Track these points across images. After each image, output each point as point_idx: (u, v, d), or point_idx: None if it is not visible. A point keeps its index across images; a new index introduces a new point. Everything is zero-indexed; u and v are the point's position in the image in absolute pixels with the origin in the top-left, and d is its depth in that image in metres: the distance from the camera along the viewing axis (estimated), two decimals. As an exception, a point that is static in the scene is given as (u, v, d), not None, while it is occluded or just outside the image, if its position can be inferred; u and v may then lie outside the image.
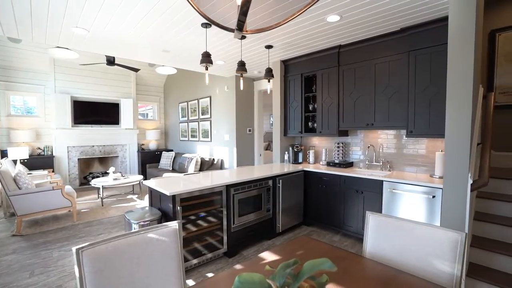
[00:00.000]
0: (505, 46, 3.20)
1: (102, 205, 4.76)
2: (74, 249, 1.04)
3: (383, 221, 1.47)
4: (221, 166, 5.70)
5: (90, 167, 6.81)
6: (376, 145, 3.48)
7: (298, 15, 0.94)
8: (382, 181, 2.86)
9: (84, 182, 6.48)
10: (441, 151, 2.87)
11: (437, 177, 2.76)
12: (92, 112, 6.43)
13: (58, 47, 3.90)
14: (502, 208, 2.50)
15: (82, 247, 1.05)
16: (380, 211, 2.87)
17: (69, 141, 6.07)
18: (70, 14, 2.49)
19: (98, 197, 5.26)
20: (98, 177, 6.24)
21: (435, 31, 2.62)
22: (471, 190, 2.04)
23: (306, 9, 0.91)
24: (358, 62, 3.28)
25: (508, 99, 3.20)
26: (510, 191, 2.63)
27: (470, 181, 2.03)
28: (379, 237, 1.46)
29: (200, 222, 2.56)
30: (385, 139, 3.40)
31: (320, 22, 2.72)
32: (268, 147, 8.72)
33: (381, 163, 3.41)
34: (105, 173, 6.70)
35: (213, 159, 5.72)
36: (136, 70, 5.38)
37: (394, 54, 2.96)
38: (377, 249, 1.46)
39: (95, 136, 6.46)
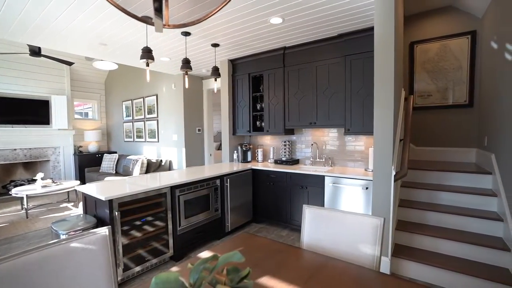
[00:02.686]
0: (421, 56, 3.73)
1: (27, 217, 4.14)
2: (-35, 269, 0.87)
3: (317, 213, 1.56)
4: (169, 167, 5.47)
5: (12, 174, 5.85)
6: (320, 142, 3.72)
7: (217, 11, 0.95)
8: (324, 176, 3.07)
9: (3, 192, 5.55)
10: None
11: (370, 170, 3.07)
12: (14, 110, 5.48)
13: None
14: (421, 195, 2.90)
15: (-23, 267, 0.89)
16: (323, 205, 3.08)
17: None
18: (-27, -7, 2.11)
19: (22, 209, 4.57)
20: (22, 185, 5.41)
21: (366, 38, 2.91)
22: (394, 180, 2.32)
23: (224, 6, 0.92)
24: (301, 64, 3.46)
25: (424, 101, 3.73)
26: (427, 180, 3.07)
27: (394, 173, 2.31)
28: (314, 228, 1.56)
29: (143, 226, 2.40)
30: (328, 137, 3.65)
31: (264, 24, 2.79)
32: (220, 147, 8.66)
33: (324, 160, 3.66)
34: (31, 180, 5.84)
35: (161, 160, 5.46)
36: (69, 63, 4.79)
37: (333, 58, 3.20)
38: (313, 240, 1.55)
39: (18, 138, 5.54)
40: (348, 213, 1.49)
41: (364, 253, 1.39)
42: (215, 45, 3.41)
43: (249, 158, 4.13)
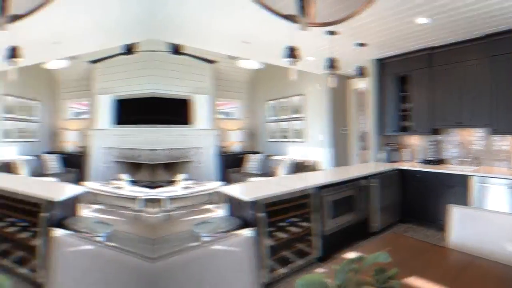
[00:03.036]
0: None
1: (168, 219, 4.79)
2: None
3: (464, 213, 1.95)
4: (314, 168, 6.26)
5: (152, 175, 6.37)
6: (466, 142, 4.36)
7: (362, 11, 1.37)
8: (470, 176, 3.82)
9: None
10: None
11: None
12: (155, 110, 6.10)
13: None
14: None
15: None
16: (468, 204, 3.66)
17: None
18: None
19: (163, 210, 5.05)
20: (162, 186, 5.93)
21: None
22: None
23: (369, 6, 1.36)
24: (447, 64, 4.19)
25: None
26: None
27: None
28: (461, 228, 1.89)
29: (288, 227, 2.89)
30: (474, 136, 4.29)
31: (409, 24, 3.43)
32: (365, 147, 9.23)
33: (470, 159, 4.23)
34: (171, 182, 6.34)
35: (306, 160, 6.44)
36: (211, 62, 5.85)
37: (479, 58, 3.84)
38: (459, 239, 1.86)
39: (159, 138, 6.17)
40: (496, 212, 1.92)
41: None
42: (361, 45, 4.13)
43: (395, 158, 4.95)
